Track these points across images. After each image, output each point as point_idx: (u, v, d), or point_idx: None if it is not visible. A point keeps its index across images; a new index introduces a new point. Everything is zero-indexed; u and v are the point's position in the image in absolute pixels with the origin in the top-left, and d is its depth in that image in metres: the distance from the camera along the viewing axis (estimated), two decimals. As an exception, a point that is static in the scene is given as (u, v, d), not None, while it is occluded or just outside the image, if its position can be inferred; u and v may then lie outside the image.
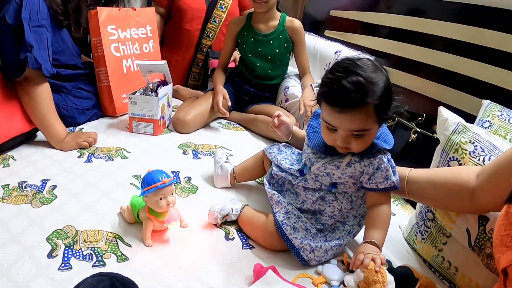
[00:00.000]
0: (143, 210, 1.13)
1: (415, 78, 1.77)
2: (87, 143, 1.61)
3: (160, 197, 1.08)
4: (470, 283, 1.04)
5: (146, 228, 1.11)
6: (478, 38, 1.48)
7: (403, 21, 1.85)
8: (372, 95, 0.95)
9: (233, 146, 1.78)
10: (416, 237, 1.21)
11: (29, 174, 1.40)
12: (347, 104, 0.96)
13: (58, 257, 1.04)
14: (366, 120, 0.98)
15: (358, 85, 0.94)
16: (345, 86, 0.95)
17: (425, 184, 1.06)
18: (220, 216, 1.20)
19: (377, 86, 0.96)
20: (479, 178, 0.93)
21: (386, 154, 1.08)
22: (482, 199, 0.91)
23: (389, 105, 1.01)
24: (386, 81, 0.99)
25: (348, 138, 1.02)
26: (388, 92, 0.99)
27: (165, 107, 1.84)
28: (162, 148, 1.69)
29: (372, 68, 0.98)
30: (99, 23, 1.85)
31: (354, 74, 0.96)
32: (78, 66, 1.84)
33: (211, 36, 2.47)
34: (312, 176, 1.15)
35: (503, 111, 1.28)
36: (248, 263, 1.08)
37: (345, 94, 0.95)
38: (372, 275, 0.95)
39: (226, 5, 2.44)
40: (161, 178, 1.07)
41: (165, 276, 1.01)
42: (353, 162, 1.08)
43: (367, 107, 0.96)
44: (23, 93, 1.52)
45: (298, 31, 2.02)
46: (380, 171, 1.06)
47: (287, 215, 1.13)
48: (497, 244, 0.72)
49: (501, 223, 0.72)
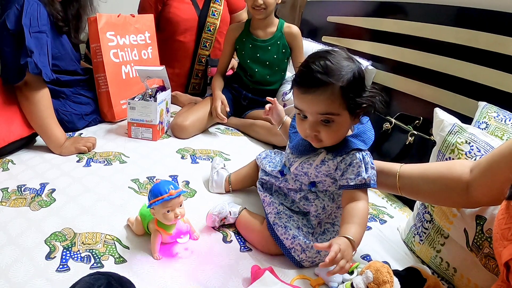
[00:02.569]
0: (152, 222, 1.10)
1: (412, 82, 1.79)
2: (86, 148, 1.62)
3: (168, 210, 1.05)
4: (469, 284, 1.04)
5: (154, 240, 1.08)
6: (473, 41, 1.49)
7: (399, 25, 1.87)
8: (338, 77, 0.95)
9: (232, 151, 1.78)
10: (414, 238, 1.21)
11: (28, 177, 1.41)
12: (311, 83, 0.97)
13: (56, 258, 1.04)
14: (331, 102, 0.97)
15: (325, 67, 0.96)
16: (312, 68, 0.97)
17: (417, 179, 1.04)
18: (218, 219, 1.20)
19: (344, 70, 0.96)
20: (474, 171, 0.91)
21: (362, 152, 1.05)
22: (477, 193, 0.90)
23: (359, 93, 0.99)
24: (357, 70, 0.99)
25: (316, 125, 1.01)
26: (358, 81, 0.99)
27: (163, 113, 1.85)
28: (160, 153, 1.69)
29: (344, 56, 1.00)
30: (98, 29, 1.87)
31: (323, 59, 0.97)
32: (77, 72, 1.86)
33: (208, 46, 2.46)
34: (292, 176, 1.15)
35: (499, 112, 1.28)
36: (245, 265, 1.08)
37: (311, 75, 0.97)
38: (382, 276, 0.95)
39: (218, 12, 2.41)
40: (168, 190, 1.04)
41: (163, 278, 1.01)
42: (327, 160, 1.06)
43: (332, 88, 0.96)
44: (22, 98, 1.53)
45: (296, 36, 2.03)
46: (351, 167, 1.03)
47: (278, 215, 1.13)
48: (498, 238, 0.71)
49: (502, 217, 0.71)
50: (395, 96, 1.92)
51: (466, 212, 1.02)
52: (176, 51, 2.44)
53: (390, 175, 1.08)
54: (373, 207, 1.45)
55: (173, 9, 2.34)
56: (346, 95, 0.97)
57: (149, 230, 1.12)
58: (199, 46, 2.45)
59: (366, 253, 1.19)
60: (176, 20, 2.35)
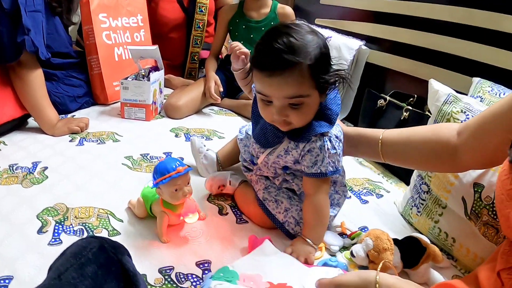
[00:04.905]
0: (156, 203, 1.03)
1: (406, 61, 1.78)
2: (78, 128, 1.60)
3: (176, 188, 0.97)
4: (468, 254, 1.03)
5: (161, 223, 1.01)
6: (467, 19, 1.49)
7: (393, 5, 1.86)
8: (305, 55, 0.87)
9: (226, 130, 1.77)
10: (412, 210, 1.20)
11: (20, 157, 1.39)
12: (277, 65, 0.87)
13: (48, 233, 1.02)
14: (301, 84, 0.89)
15: (289, 45, 0.87)
16: (274, 47, 0.87)
17: (401, 146, 0.98)
18: (216, 185, 1.19)
19: (310, 47, 0.88)
20: (463, 135, 0.86)
21: (325, 137, 0.98)
22: (467, 157, 0.86)
23: (326, 69, 0.93)
24: (322, 45, 0.91)
25: (284, 109, 0.92)
26: (325, 56, 0.91)
27: (157, 93, 1.83)
28: (154, 132, 1.68)
29: (306, 30, 0.91)
30: (91, 10, 1.85)
31: (285, 35, 0.88)
32: (70, 55, 1.84)
33: (199, 43, 2.43)
34: (263, 164, 1.11)
35: (493, 87, 1.28)
36: (242, 237, 1.06)
37: (275, 55, 0.87)
38: (382, 243, 0.94)
39: (205, 7, 2.37)
40: (176, 167, 0.96)
41: (158, 249, 1.00)
42: (290, 150, 1.02)
43: (301, 68, 0.87)
44: (16, 78, 1.51)
45: (290, 17, 2.03)
46: (309, 154, 0.98)
47: (267, 190, 1.11)
48: (503, 199, 0.66)
49: (505, 177, 0.66)
50: (389, 76, 1.92)
51: (464, 180, 1.02)
52: (168, 46, 2.39)
53: (372, 143, 1.02)
54: (369, 182, 1.45)
55: (160, 10, 2.34)
56: (315, 74, 0.89)
57: (153, 212, 1.06)
58: (191, 44, 2.42)
59: (363, 225, 1.18)
60: (164, 21, 2.35)
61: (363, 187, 1.40)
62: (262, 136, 1.07)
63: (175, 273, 0.93)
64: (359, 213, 1.24)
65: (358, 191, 1.37)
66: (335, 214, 1.12)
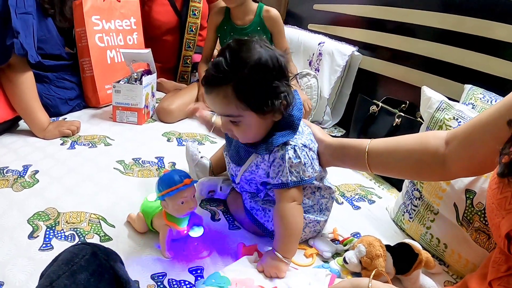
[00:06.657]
0: (158, 217, 1.00)
1: (398, 67, 1.80)
2: (70, 131, 1.59)
3: (182, 201, 0.94)
4: (459, 259, 1.04)
5: (164, 237, 0.98)
6: (459, 26, 1.51)
7: (385, 12, 1.87)
8: (231, 77, 0.85)
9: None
10: (404, 216, 1.21)
11: (11, 160, 1.38)
12: (207, 83, 0.89)
13: (39, 238, 1.01)
14: (226, 105, 0.88)
15: (217, 64, 0.86)
16: (212, 64, 0.89)
17: (389, 157, 0.94)
18: (205, 189, 1.19)
19: (242, 67, 0.85)
20: (451, 144, 0.84)
21: (287, 146, 0.95)
22: (456, 166, 0.83)
23: (259, 90, 0.87)
24: (263, 65, 0.86)
25: (227, 124, 0.93)
26: (258, 78, 0.86)
27: (149, 96, 1.82)
28: (146, 136, 1.68)
29: (251, 47, 0.87)
30: (84, 12, 1.82)
31: (225, 52, 0.87)
32: (62, 57, 1.82)
33: (192, 46, 2.41)
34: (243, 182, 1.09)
35: (485, 94, 1.29)
36: (235, 243, 1.06)
37: (209, 72, 0.88)
38: (375, 250, 0.94)
39: (198, 10, 2.35)
40: (182, 178, 0.94)
41: (150, 255, 0.99)
42: (259, 163, 1.00)
43: (225, 89, 0.86)
44: (6, 81, 1.50)
45: (275, 21, 1.93)
46: (273, 165, 0.96)
47: (253, 199, 1.09)
48: (494, 208, 0.66)
49: (495, 187, 0.66)
50: (381, 82, 1.93)
51: (456, 186, 1.02)
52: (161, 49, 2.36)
53: (358, 155, 0.98)
54: (361, 188, 1.45)
55: (153, 13, 2.31)
56: (240, 96, 0.87)
57: (153, 227, 1.03)
58: (183, 47, 2.40)
59: (356, 231, 1.18)
60: (158, 24, 2.33)
61: (355, 193, 1.41)
62: (236, 153, 1.06)
63: (168, 280, 0.92)
64: (351, 219, 1.24)
65: (350, 197, 1.37)
66: (326, 219, 1.12)
